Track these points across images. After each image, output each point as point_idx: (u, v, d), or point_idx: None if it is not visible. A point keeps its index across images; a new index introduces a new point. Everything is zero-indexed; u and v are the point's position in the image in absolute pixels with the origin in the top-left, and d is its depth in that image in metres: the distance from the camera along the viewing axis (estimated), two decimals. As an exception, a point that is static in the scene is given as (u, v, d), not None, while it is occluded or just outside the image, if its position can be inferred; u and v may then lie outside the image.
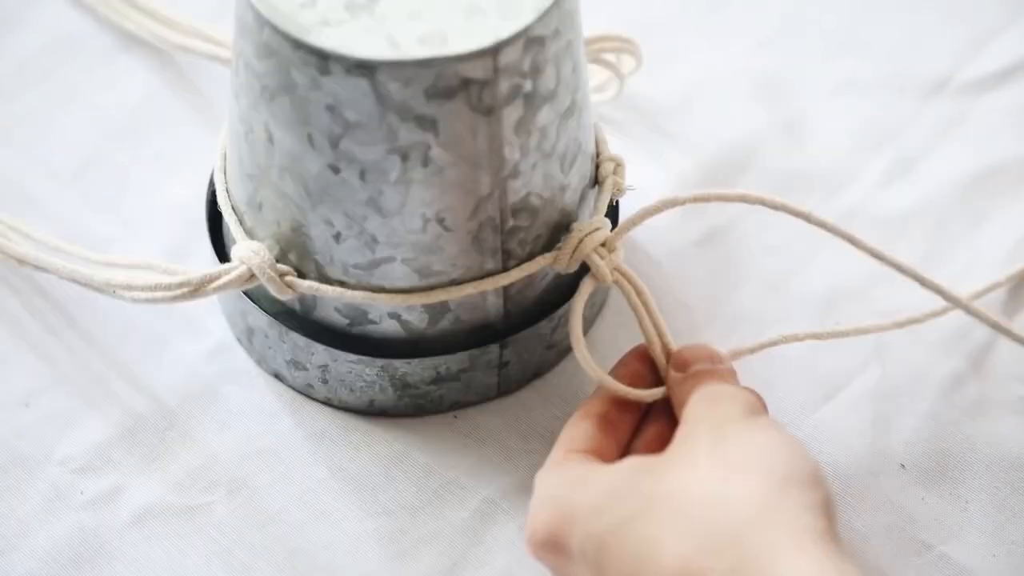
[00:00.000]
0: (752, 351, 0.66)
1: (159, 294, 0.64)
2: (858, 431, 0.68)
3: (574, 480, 0.58)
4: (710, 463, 0.55)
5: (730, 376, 0.63)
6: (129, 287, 0.65)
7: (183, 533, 0.65)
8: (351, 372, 0.66)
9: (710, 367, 0.63)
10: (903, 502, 0.66)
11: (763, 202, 0.64)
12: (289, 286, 0.64)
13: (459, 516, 0.66)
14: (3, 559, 0.64)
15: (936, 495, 0.66)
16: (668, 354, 0.64)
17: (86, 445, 0.67)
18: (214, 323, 0.71)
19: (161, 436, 0.68)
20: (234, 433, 0.68)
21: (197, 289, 0.64)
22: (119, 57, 0.81)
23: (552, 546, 0.57)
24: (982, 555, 0.65)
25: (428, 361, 0.66)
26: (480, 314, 0.65)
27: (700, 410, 0.58)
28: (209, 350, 0.70)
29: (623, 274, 0.65)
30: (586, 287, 0.64)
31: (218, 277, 0.64)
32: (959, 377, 0.69)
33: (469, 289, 0.63)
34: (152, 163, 0.77)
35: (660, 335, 0.64)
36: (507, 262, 0.64)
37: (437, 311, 0.65)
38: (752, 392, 0.60)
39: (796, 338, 0.66)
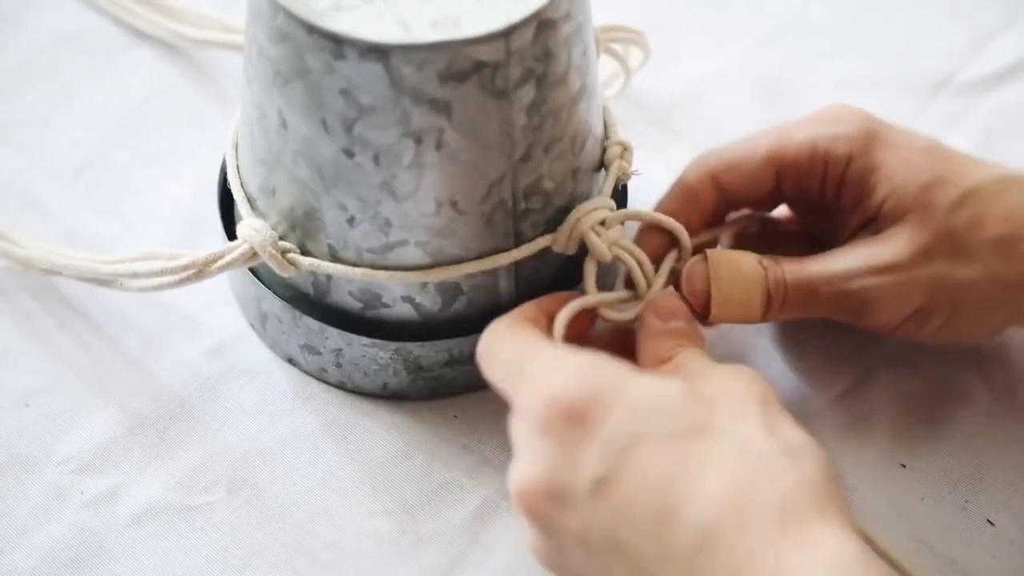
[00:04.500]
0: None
1: (165, 279, 0.65)
2: (859, 430, 0.68)
3: (617, 367, 0.56)
4: (765, 431, 0.54)
5: (703, 342, 0.62)
6: (135, 275, 0.65)
7: (183, 533, 0.65)
8: (365, 356, 0.67)
9: (689, 328, 0.62)
10: (903, 502, 0.66)
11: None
12: (291, 263, 0.64)
13: (459, 516, 0.66)
14: (3, 559, 0.64)
15: (936, 495, 0.66)
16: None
17: (86, 445, 0.67)
18: (214, 322, 0.71)
19: (161, 436, 0.68)
20: (234, 433, 0.68)
21: (202, 270, 0.65)
22: (119, 57, 0.81)
23: (574, 417, 0.55)
24: (982, 555, 0.65)
25: (441, 344, 0.66)
26: (493, 297, 0.66)
27: (743, 384, 0.57)
28: (209, 349, 0.70)
29: (623, 248, 0.64)
30: (590, 268, 0.64)
31: (222, 256, 0.65)
32: (960, 378, 0.69)
33: (471, 267, 0.63)
34: (153, 163, 0.77)
35: None
36: (520, 245, 0.64)
37: (450, 294, 0.65)
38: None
39: None
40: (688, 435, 0.54)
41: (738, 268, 0.64)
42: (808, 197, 0.66)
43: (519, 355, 0.59)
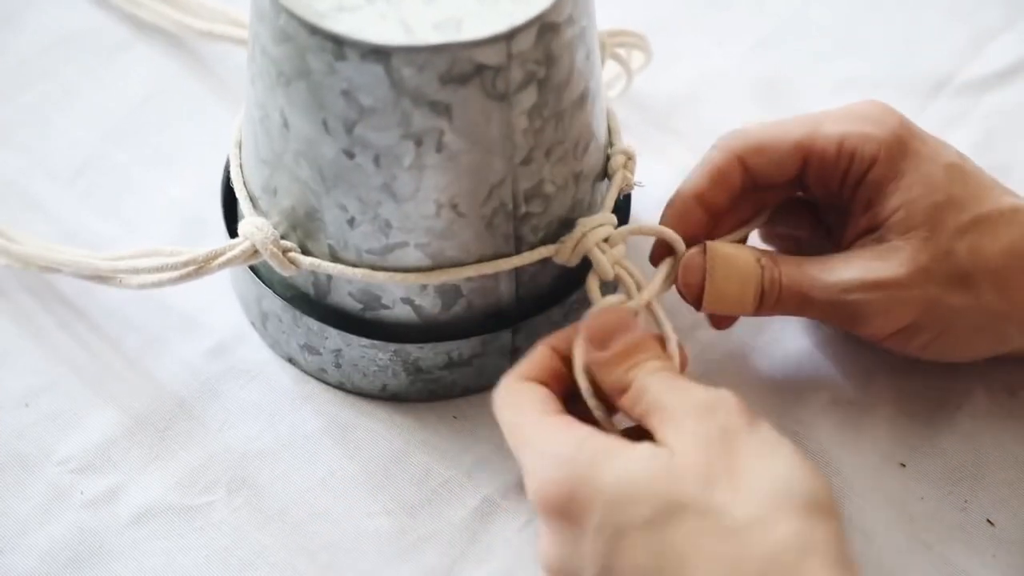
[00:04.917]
0: None
1: (166, 275, 0.65)
2: (859, 430, 0.68)
3: (591, 450, 0.56)
4: (733, 488, 0.54)
5: (653, 343, 0.61)
6: (136, 270, 0.65)
7: (183, 533, 0.65)
8: (364, 356, 0.67)
9: (635, 340, 0.60)
10: (903, 501, 0.66)
11: None
12: (292, 262, 0.64)
13: (459, 515, 0.66)
14: (3, 559, 0.64)
15: (936, 495, 0.66)
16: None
17: (86, 445, 0.67)
18: (214, 322, 0.71)
19: (161, 436, 0.68)
20: (234, 432, 0.68)
21: (203, 266, 0.65)
22: (119, 56, 0.81)
23: (565, 514, 0.56)
24: (981, 555, 0.65)
25: (441, 346, 0.66)
26: (492, 300, 0.66)
27: (700, 426, 0.56)
28: (209, 349, 0.70)
29: (625, 268, 0.65)
30: (593, 284, 0.64)
31: (223, 253, 0.65)
32: (960, 378, 0.69)
33: (471, 271, 0.63)
34: (153, 163, 0.77)
35: (659, 331, 0.64)
36: (520, 248, 0.64)
37: (450, 296, 0.65)
38: (733, 394, 0.58)
39: None
40: (664, 519, 0.54)
41: (734, 264, 0.64)
42: (828, 190, 0.66)
43: (514, 424, 0.60)
